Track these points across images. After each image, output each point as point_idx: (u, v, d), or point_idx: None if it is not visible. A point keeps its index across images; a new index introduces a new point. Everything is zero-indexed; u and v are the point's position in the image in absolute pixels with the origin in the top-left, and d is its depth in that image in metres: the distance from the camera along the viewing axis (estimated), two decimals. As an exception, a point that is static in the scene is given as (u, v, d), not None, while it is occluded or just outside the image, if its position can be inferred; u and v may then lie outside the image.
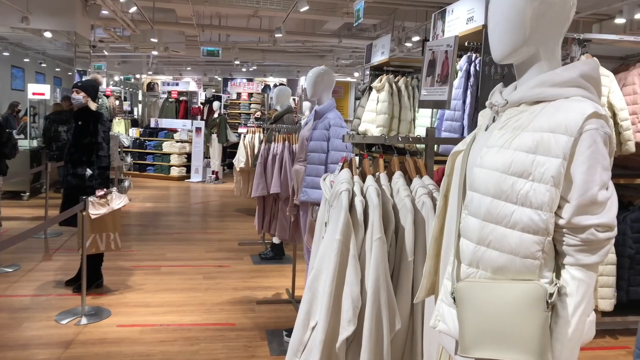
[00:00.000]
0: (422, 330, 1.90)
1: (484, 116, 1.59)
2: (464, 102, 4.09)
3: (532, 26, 1.36)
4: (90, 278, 4.53)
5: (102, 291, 4.81)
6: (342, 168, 1.94)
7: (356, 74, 16.04)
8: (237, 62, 14.44)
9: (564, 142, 1.27)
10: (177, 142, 13.09)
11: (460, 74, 4.16)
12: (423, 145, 4.72)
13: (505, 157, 1.33)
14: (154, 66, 17.47)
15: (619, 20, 6.97)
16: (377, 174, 1.98)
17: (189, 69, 19.43)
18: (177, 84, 16.05)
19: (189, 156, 13.07)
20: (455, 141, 3.00)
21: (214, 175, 12.82)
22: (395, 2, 8.35)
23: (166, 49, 11.21)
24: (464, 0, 4.53)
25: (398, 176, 1.94)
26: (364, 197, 1.84)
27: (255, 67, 16.58)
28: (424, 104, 2.70)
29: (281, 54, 14.52)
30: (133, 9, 7.86)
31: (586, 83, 1.35)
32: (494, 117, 1.49)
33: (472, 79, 4.08)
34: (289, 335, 4.07)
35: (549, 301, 1.26)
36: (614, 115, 4.32)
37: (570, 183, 1.28)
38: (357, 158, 1.99)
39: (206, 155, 13.20)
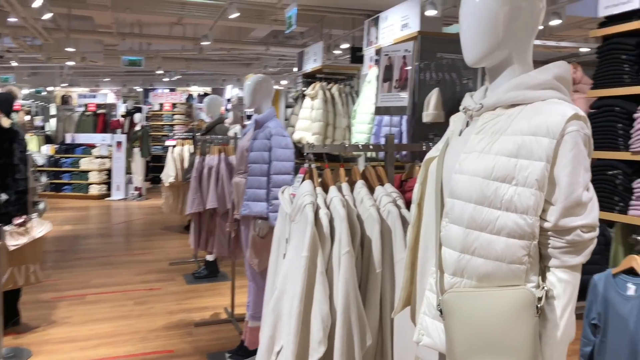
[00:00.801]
0: (392, 343, 1.79)
1: (455, 121, 1.53)
2: (404, 108, 4.03)
3: (504, 30, 1.35)
4: (5, 316, 4.05)
5: (20, 329, 4.31)
6: (303, 180, 1.76)
7: (283, 82, 15.91)
8: (159, 72, 13.89)
9: (546, 144, 1.25)
10: (97, 158, 12.38)
11: (398, 79, 4.11)
12: (359, 152, 4.66)
13: (486, 162, 1.29)
14: (69, 78, 16.49)
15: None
16: (337, 184, 1.83)
17: (106, 80, 18.51)
18: (94, 96, 15.22)
19: (109, 172, 12.40)
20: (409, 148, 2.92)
21: (137, 192, 12.23)
22: (323, 10, 8.28)
23: (83, 59, 10.56)
24: (397, 7, 4.51)
25: (360, 185, 1.80)
26: (328, 208, 1.68)
27: (179, 77, 16.04)
28: (380, 111, 2.58)
29: (206, 62, 14.12)
30: (47, 16, 7.27)
31: (560, 85, 1.34)
32: (467, 121, 1.45)
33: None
34: (232, 357, 3.83)
35: (539, 306, 1.23)
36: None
37: (553, 185, 1.26)
38: (314, 169, 1.82)
39: (128, 171, 12.58)
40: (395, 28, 4.43)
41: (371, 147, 1.89)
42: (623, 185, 2.88)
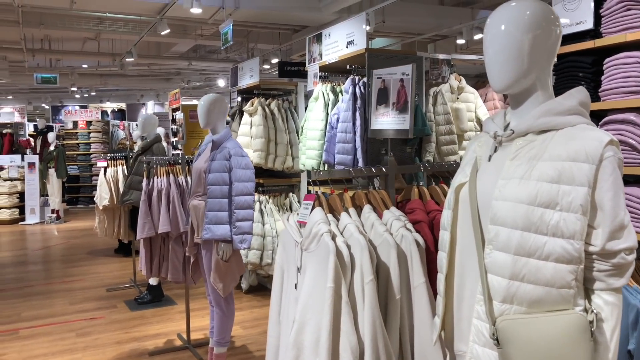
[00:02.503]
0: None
1: (480, 145, 1.55)
2: (354, 123, 4.13)
3: (529, 57, 1.39)
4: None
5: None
6: (313, 207, 1.78)
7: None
8: (74, 89, 13.20)
9: (587, 170, 1.29)
10: (6, 180, 11.54)
11: (347, 96, 4.20)
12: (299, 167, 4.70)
13: (529, 189, 1.32)
14: (-34, 96, 15.29)
15: (460, 41, 7.69)
16: (344, 209, 1.85)
17: (9, 97, 17.32)
18: (-2, 115, 14.20)
19: (21, 195, 11.60)
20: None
21: (55, 215, 11.53)
22: (250, 25, 8.29)
23: (-12, 77, 9.84)
24: (340, 24, 4.61)
25: (369, 210, 1.83)
26: (342, 235, 1.70)
27: (94, 93, 15.32)
28: (380, 133, 2.63)
29: (123, 78, 13.61)
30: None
31: (584, 110, 1.41)
32: (496, 147, 1.48)
33: (359, 101, 4.14)
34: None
35: (593, 330, 1.27)
36: (482, 129, 4.69)
37: (595, 210, 1.31)
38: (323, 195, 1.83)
39: (43, 193, 11.83)
40: (340, 45, 4.53)
41: (374, 170, 1.93)
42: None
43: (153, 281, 5.56)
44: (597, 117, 2.60)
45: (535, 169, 1.34)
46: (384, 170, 1.93)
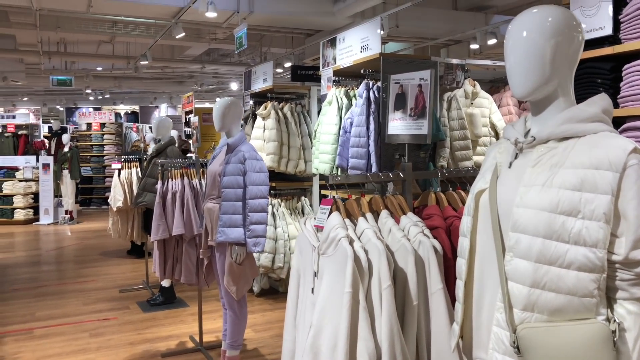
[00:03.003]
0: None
1: (501, 152, 1.54)
2: (368, 128, 4.13)
3: (551, 64, 1.38)
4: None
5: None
6: (330, 211, 1.78)
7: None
8: (88, 91, 13.33)
9: (610, 178, 1.28)
10: (21, 181, 11.67)
11: (360, 100, 4.20)
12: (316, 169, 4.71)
13: (551, 196, 1.31)
14: (-18, 97, 15.48)
15: (474, 46, 7.67)
16: (361, 214, 1.85)
17: (25, 99, 17.52)
18: (14, 117, 14.34)
19: (35, 196, 11.72)
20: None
21: (68, 215, 11.64)
22: (264, 29, 8.32)
23: (4, 79, 9.96)
24: (355, 29, 4.62)
25: (386, 215, 1.83)
26: (360, 240, 1.70)
27: (107, 95, 15.46)
28: (396, 138, 2.63)
29: (137, 80, 13.72)
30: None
31: (606, 117, 1.40)
32: (517, 153, 1.47)
33: (373, 106, 4.14)
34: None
35: (615, 339, 1.26)
36: (497, 134, 4.67)
37: (618, 218, 1.29)
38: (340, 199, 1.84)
39: (57, 194, 11.95)
40: (354, 49, 4.54)
41: (391, 175, 1.93)
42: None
43: (166, 283, 5.59)
44: (615, 124, 2.57)
45: (557, 176, 1.33)
46: (401, 175, 1.93)
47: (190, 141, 6.80)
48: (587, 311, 1.29)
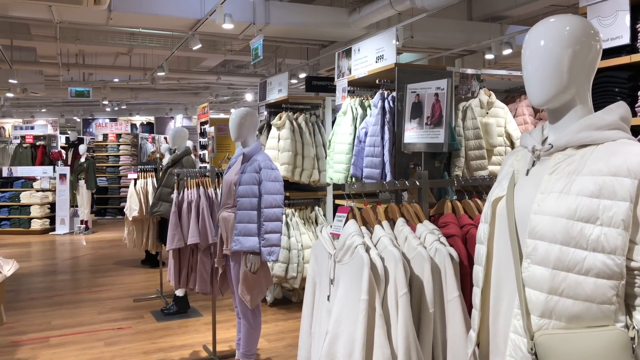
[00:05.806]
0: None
1: (518, 160, 1.54)
2: (382, 138, 4.13)
3: (568, 72, 1.39)
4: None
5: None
6: (346, 219, 1.78)
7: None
8: (105, 102, 13.52)
9: (629, 185, 1.27)
10: (38, 191, 11.81)
11: (375, 110, 4.21)
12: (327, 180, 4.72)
13: (568, 203, 1.31)
14: (2, 109, 15.73)
15: (489, 56, 7.67)
16: (378, 222, 1.85)
17: (43, 110, 17.80)
18: (32, 128, 14.57)
19: (52, 206, 11.85)
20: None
21: (84, 225, 11.75)
22: (279, 40, 8.39)
23: (24, 91, 10.15)
24: (370, 39, 4.64)
25: (402, 223, 1.82)
26: (376, 247, 1.70)
27: (124, 106, 15.65)
28: (413, 147, 2.63)
29: (153, 92, 13.88)
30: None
31: (625, 125, 1.39)
32: (534, 161, 1.47)
33: (387, 115, 4.14)
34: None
35: (634, 346, 1.25)
36: (512, 144, 4.64)
37: (636, 225, 1.28)
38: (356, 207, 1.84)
39: (73, 204, 12.07)
40: (369, 60, 4.56)
41: (407, 182, 1.92)
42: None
43: (179, 292, 5.61)
44: (633, 132, 2.55)
45: (574, 184, 1.32)
46: (417, 184, 1.92)
47: (205, 152, 6.86)
48: (606, 318, 1.28)
